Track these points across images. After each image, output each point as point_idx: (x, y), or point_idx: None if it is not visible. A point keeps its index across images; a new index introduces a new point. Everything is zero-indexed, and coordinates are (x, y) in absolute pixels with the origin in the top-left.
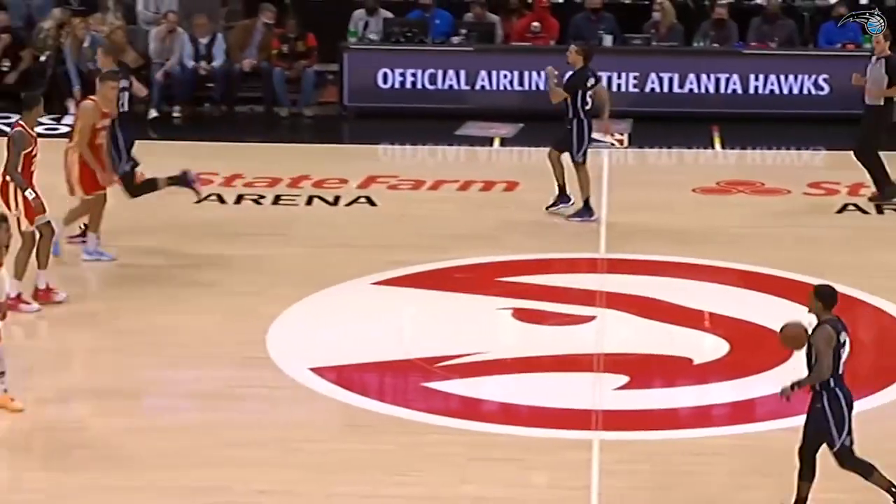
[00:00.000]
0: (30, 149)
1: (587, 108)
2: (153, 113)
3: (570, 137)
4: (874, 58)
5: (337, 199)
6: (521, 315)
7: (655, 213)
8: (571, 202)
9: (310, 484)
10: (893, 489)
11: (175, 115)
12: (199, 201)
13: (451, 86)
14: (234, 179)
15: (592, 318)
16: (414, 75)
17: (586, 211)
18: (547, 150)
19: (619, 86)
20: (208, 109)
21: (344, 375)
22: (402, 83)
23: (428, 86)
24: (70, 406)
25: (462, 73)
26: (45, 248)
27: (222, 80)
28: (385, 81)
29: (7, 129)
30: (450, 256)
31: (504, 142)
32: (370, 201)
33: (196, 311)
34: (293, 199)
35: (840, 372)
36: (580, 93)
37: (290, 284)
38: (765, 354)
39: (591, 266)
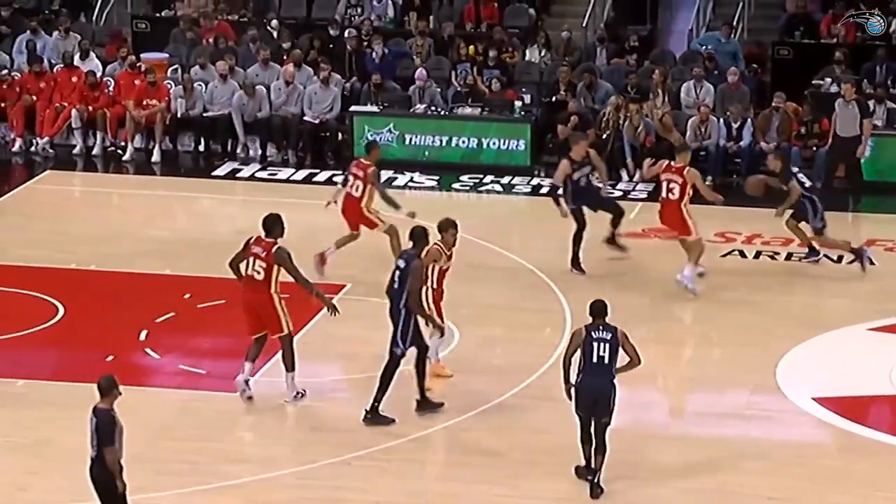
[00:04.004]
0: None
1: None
2: None
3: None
4: None
5: (840, 257)
6: None
7: None
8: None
9: (810, 493)
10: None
11: (707, 184)
12: (724, 255)
13: None
14: (754, 238)
15: None
16: None
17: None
18: None
19: None
20: (735, 180)
21: (842, 405)
22: None
23: None
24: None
25: None
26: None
27: (748, 156)
28: None
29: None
30: None
31: None
32: (870, 261)
33: (719, 344)
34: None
35: (594, 361)
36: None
37: (798, 325)
38: None
39: None
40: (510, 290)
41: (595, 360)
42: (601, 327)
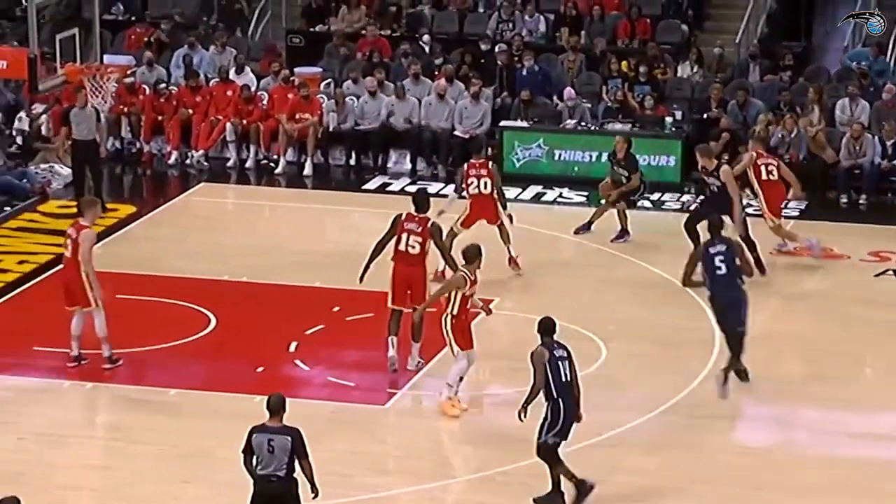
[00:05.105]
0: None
1: None
2: (842, 200)
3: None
4: None
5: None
6: None
7: None
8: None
9: None
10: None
11: (861, 202)
12: (878, 275)
13: None
14: None
15: None
16: None
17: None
18: None
19: None
20: (891, 199)
21: None
22: None
23: None
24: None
25: None
26: None
27: None
28: None
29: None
30: None
31: None
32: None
33: (871, 364)
34: None
35: (564, 381)
36: None
37: None
38: None
39: None
40: (658, 307)
41: (563, 380)
42: (556, 345)
